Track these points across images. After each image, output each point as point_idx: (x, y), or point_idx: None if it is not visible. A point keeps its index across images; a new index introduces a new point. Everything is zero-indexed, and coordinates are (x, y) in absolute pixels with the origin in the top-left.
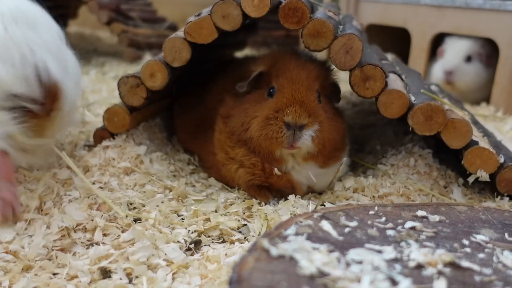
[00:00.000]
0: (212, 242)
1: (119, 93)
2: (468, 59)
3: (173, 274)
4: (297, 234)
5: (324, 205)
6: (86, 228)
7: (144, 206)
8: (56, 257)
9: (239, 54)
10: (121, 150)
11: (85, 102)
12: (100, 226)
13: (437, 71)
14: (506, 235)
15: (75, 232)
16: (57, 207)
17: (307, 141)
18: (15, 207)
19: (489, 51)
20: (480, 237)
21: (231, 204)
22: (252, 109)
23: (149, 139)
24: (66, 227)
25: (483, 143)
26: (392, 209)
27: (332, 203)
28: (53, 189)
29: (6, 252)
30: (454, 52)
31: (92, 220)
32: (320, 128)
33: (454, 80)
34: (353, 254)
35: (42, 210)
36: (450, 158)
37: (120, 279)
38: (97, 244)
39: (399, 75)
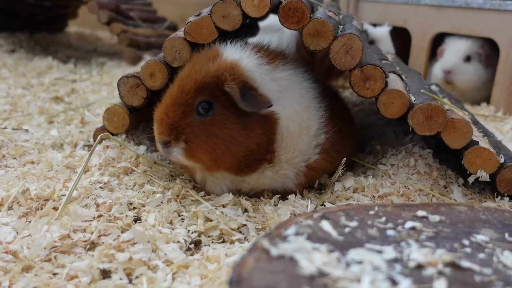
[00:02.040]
0: (212, 242)
1: (119, 93)
2: (467, 59)
3: (173, 274)
4: (297, 234)
5: (324, 205)
6: (86, 228)
7: (144, 206)
8: (56, 258)
9: None
10: (121, 150)
11: (85, 102)
12: (100, 226)
13: (437, 70)
14: (506, 235)
15: (74, 232)
16: (57, 207)
17: (179, 157)
18: None
19: (488, 51)
20: (480, 237)
21: (232, 204)
22: None
23: (149, 139)
24: (66, 227)
25: (483, 143)
26: (392, 209)
27: (332, 203)
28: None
29: (6, 252)
30: (453, 51)
31: (92, 220)
32: (189, 146)
33: (453, 79)
34: (353, 254)
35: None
36: (450, 158)
37: (120, 279)
38: (96, 244)
39: (399, 75)
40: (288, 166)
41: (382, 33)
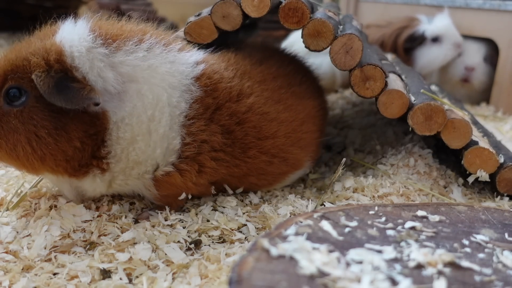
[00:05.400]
0: (212, 242)
1: None
2: (485, 60)
3: (173, 274)
4: (297, 234)
5: (324, 205)
6: (85, 228)
7: (145, 206)
8: (56, 257)
9: None
10: None
11: None
12: (100, 226)
13: (458, 67)
14: (506, 235)
15: (74, 232)
16: (57, 207)
17: None
18: None
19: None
20: (480, 237)
21: (232, 204)
22: None
23: None
24: (66, 227)
25: (483, 143)
26: (392, 209)
27: (332, 203)
28: (54, 188)
29: (6, 252)
30: (475, 51)
31: (92, 220)
32: None
33: (473, 77)
34: (353, 254)
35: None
36: (450, 158)
37: (120, 279)
38: (96, 244)
39: (399, 75)
40: (124, 177)
41: (444, 26)
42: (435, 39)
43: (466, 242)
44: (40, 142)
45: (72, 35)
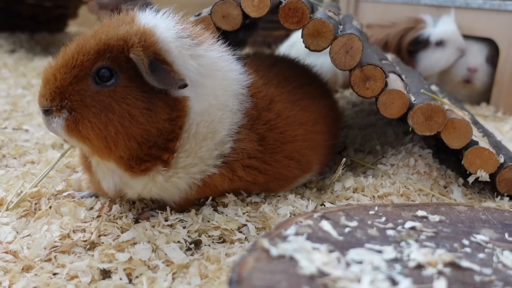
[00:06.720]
0: (212, 242)
1: None
2: (487, 60)
3: (173, 274)
4: (297, 234)
5: (324, 205)
6: (85, 228)
7: (146, 205)
8: (56, 258)
9: None
10: None
11: None
12: (100, 226)
13: (460, 68)
14: (506, 235)
15: (74, 232)
16: (57, 207)
17: (58, 129)
18: None
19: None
20: (480, 237)
21: (233, 205)
22: None
23: None
24: (66, 227)
25: (483, 143)
26: (392, 209)
27: (332, 203)
28: (53, 188)
29: (6, 252)
30: (477, 52)
31: (92, 220)
32: (73, 116)
33: (475, 78)
34: (353, 254)
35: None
36: (450, 158)
37: (120, 279)
38: (96, 244)
39: (399, 75)
40: (183, 175)
41: (449, 30)
42: (439, 43)
43: (466, 242)
44: (132, 121)
45: (160, 22)
